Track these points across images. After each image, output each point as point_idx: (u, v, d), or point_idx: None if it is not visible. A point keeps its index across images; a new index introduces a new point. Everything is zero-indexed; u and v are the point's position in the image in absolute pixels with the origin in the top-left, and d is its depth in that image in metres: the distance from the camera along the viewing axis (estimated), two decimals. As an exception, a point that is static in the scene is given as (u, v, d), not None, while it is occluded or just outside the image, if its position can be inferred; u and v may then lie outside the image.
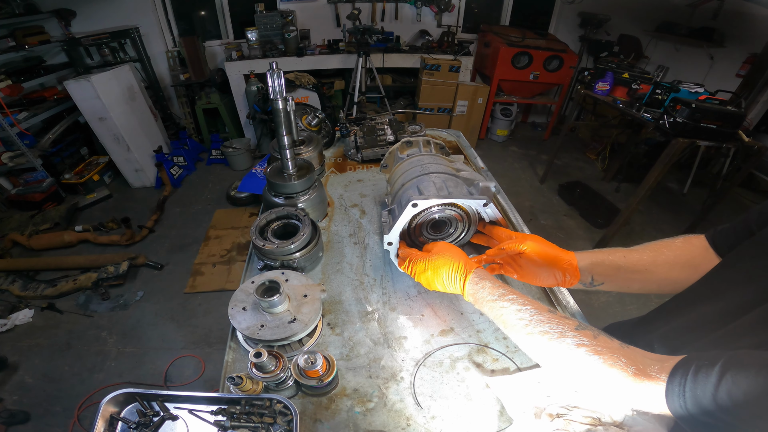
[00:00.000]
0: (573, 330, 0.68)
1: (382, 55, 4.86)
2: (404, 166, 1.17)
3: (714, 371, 0.51)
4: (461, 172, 1.10)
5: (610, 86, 4.14)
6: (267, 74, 1.03)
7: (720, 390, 0.50)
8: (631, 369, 0.60)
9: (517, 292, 0.79)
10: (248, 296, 0.94)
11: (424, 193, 0.97)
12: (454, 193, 0.96)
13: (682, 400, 0.54)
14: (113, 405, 0.77)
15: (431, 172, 1.05)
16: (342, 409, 0.85)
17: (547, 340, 0.69)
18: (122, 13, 4.65)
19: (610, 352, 0.63)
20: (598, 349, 0.64)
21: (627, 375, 0.60)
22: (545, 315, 0.72)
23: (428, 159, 1.14)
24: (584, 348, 0.65)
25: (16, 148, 3.74)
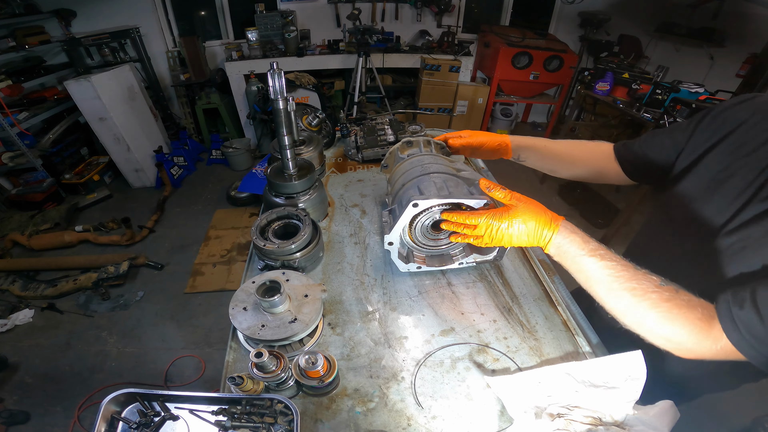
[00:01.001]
0: (656, 286, 0.71)
1: (382, 55, 4.86)
2: (405, 166, 1.16)
3: (747, 308, 0.63)
4: (462, 172, 1.09)
5: (610, 86, 4.14)
6: (267, 74, 1.03)
7: (765, 319, 0.61)
8: (703, 320, 0.68)
9: (604, 248, 0.79)
10: (249, 296, 0.94)
11: (424, 193, 0.96)
12: (454, 193, 0.96)
13: (742, 335, 0.64)
14: (114, 405, 0.77)
15: (432, 172, 1.05)
16: (343, 409, 0.85)
17: (632, 296, 0.72)
18: (122, 13, 4.65)
19: (688, 307, 0.69)
20: (680, 303, 0.69)
21: (698, 331, 0.68)
22: (631, 272, 0.74)
23: (429, 159, 1.13)
24: (667, 304, 0.70)
25: (16, 148, 3.74)
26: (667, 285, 0.72)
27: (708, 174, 0.87)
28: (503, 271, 1.21)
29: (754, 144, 0.80)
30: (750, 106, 0.85)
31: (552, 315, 1.06)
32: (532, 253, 1.26)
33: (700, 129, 0.92)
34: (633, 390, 0.82)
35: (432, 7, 5.08)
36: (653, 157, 1.03)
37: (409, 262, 1.13)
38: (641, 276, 0.74)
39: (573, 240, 0.81)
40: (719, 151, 0.86)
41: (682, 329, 0.69)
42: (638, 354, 0.84)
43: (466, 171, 1.10)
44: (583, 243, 0.80)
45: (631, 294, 0.72)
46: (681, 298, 0.71)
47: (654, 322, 0.71)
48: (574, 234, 0.82)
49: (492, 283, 1.16)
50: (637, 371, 0.83)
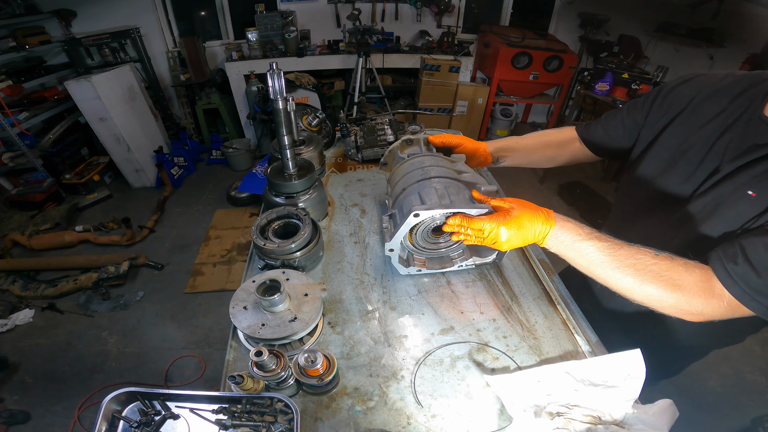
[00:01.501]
0: (653, 257, 0.77)
1: (382, 56, 4.86)
2: (405, 167, 1.15)
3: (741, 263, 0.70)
4: (463, 175, 1.09)
5: (610, 86, 4.15)
6: (267, 74, 1.03)
7: (760, 271, 0.68)
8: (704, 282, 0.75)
9: (596, 231, 0.84)
10: (249, 295, 0.95)
11: (426, 202, 0.96)
12: (456, 201, 0.96)
13: (740, 287, 0.70)
14: (115, 404, 0.77)
15: (432, 176, 1.04)
16: (343, 408, 0.85)
17: (634, 271, 0.77)
18: (122, 13, 4.65)
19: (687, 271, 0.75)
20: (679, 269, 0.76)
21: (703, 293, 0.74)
22: (627, 249, 0.79)
23: (429, 161, 1.11)
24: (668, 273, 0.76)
25: (16, 148, 3.75)
26: (661, 254, 0.78)
27: (668, 149, 0.95)
28: (503, 270, 1.21)
29: (705, 118, 0.89)
30: (695, 84, 0.95)
31: (551, 314, 1.06)
32: (532, 253, 1.26)
33: (654, 107, 1.01)
34: (632, 388, 0.82)
35: (432, 8, 5.08)
36: (615, 136, 1.13)
37: (409, 266, 1.13)
38: (637, 251, 0.79)
39: (569, 229, 0.84)
40: (675, 126, 0.95)
41: (688, 294, 0.75)
42: (637, 353, 0.84)
43: (467, 173, 1.10)
44: (578, 229, 0.84)
45: (633, 270, 0.77)
46: (678, 264, 0.76)
47: (661, 292, 0.76)
48: (568, 223, 0.86)
49: (491, 282, 1.16)
50: (636, 370, 0.83)
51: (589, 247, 0.81)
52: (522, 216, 0.86)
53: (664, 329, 1.08)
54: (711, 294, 0.74)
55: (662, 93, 1.01)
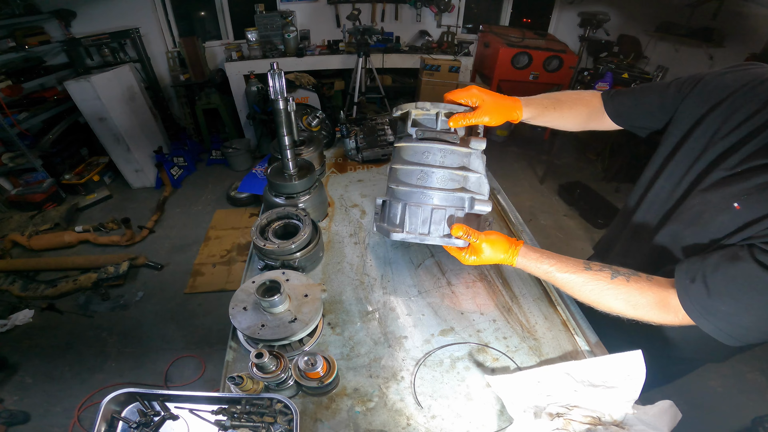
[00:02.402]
0: (609, 282, 0.83)
1: (382, 56, 4.86)
2: (409, 152, 1.04)
3: (698, 282, 0.74)
4: (469, 176, 1.02)
5: (610, 86, 4.14)
6: (268, 75, 1.03)
7: (711, 293, 0.73)
8: (659, 300, 0.80)
9: (557, 258, 0.90)
10: (249, 296, 0.94)
11: (405, 227, 1.02)
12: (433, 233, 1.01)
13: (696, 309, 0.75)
14: (114, 404, 0.77)
15: (429, 187, 0.99)
16: (342, 409, 0.85)
17: (590, 294, 0.85)
18: (122, 13, 4.64)
19: (640, 292, 0.81)
20: (633, 290, 0.81)
21: (659, 308, 0.80)
22: (585, 275, 0.86)
23: (439, 153, 1.01)
24: (624, 294, 0.82)
25: (16, 148, 3.74)
26: (617, 277, 0.83)
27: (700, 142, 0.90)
28: (503, 271, 1.21)
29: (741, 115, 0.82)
30: (741, 76, 0.87)
31: (551, 315, 1.06)
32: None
33: (693, 94, 0.95)
34: (632, 389, 0.82)
35: (432, 8, 5.08)
36: (649, 108, 1.06)
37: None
38: (593, 276, 0.85)
39: (530, 258, 0.92)
40: (711, 119, 0.89)
41: (642, 311, 0.81)
42: (638, 354, 0.84)
43: (475, 174, 1.03)
44: (538, 263, 0.91)
45: (590, 293, 0.85)
46: (633, 288, 0.81)
47: (620, 309, 0.83)
48: (532, 253, 0.93)
49: (491, 282, 1.16)
50: (636, 371, 0.83)
51: (548, 273, 0.90)
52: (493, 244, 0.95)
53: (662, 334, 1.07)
54: (666, 308, 0.79)
55: (705, 80, 0.93)
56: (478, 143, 1.04)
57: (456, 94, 1.03)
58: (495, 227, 1.41)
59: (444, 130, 1.03)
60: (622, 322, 1.13)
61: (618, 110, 1.11)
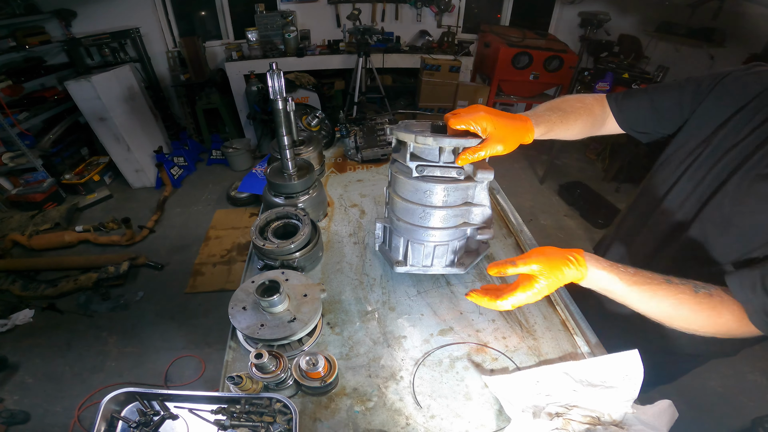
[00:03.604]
0: (694, 296, 0.75)
1: (382, 56, 4.86)
2: (408, 189, 0.97)
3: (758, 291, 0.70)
4: (475, 209, 0.99)
5: (610, 86, 4.15)
6: (267, 74, 1.03)
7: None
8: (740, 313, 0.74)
9: (630, 273, 0.77)
10: (248, 296, 0.95)
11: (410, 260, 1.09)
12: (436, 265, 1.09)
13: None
14: (114, 404, 0.77)
15: (433, 227, 0.98)
16: (341, 408, 0.85)
17: (677, 312, 0.76)
18: (123, 13, 4.65)
19: (723, 305, 0.74)
20: (716, 304, 0.75)
21: (740, 321, 0.74)
22: (665, 290, 0.75)
23: (442, 193, 0.94)
24: (708, 312, 0.75)
25: (16, 148, 3.74)
26: (700, 291, 0.75)
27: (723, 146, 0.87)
28: (502, 270, 1.21)
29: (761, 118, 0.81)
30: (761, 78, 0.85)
31: (551, 315, 1.06)
32: (531, 253, 1.26)
33: (711, 96, 0.90)
34: (630, 389, 0.82)
35: (432, 8, 5.08)
36: (664, 112, 1.00)
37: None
38: (676, 290, 0.75)
39: (602, 266, 0.77)
40: (736, 122, 0.85)
41: (725, 328, 0.76)
42: (635, 353, 0.84)
43: (479, 207, 1.00)
44: (611, 277, 0.76)
45: (672, 309, 0.75)
46: (716, 300, 0.75)
47: (702, 326, 0.77)
48: (601, 261, 0.77)
49: (491, 283, 1.16)
50: (634, 370, 0.83)
51: (626, 293, 0.77)
52: (549, 285, 0.76)
53: (662, 333, 1.08)
54: (747, 322, 0.74)
55: (725, 81, 0.89)
56: (486, 174, 0.94)
57: (461, 118, 0.85)
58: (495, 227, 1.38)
59: (448, 163, 0.94)
60: (622, 321, 1.14)
61: (626, 114, 1.05)
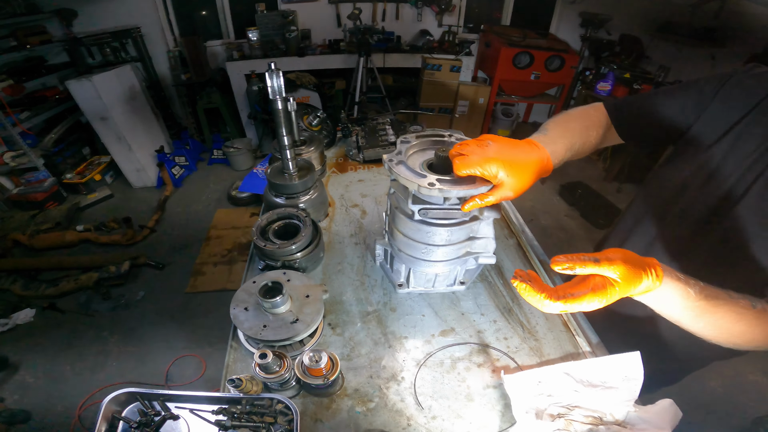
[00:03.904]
0: (752, 312, 0.68)
1: (383, 55, 4.85)
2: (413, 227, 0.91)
3: None
4: (478, 241, 0.98)
5: (612, 86, 4.14)
6: (266, 74, 1.03)
7: None
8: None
9: (700, 287, 0.66)
10: (250, 296, 0.94)
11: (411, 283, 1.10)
12: (438, 286, 1.11)
13: None
14: (115, 404, 0.77)
15: (435, 260, 0.96)
16: (343, 409, 0.85)
17: (737, 332, 0.69)
18: (123, 13, 4.65)
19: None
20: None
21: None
22: (727, 307, 0.67)
23: (446, 233, 0.89)
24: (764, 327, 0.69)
25: (18, 147, 3.75)
26: (758, 305, 0.68)
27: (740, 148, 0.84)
28: (503, 271, 1.21)
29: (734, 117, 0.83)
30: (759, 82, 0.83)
31: (552, 316, 1.06)
32: (533, 253, 1.26)
33: (716, 101, 0.88)
34: (631, 390, 0.82)
35: (433, 7, 5.08)
36: (659, 120, 0.96)
37: None
38: (736, 305, 0.68)
39: (675, 278, 0.65)
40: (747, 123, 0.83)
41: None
42: (636, 355, 0.84)
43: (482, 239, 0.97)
44: (685, 290, 0.65)
45: (736, 332, 0.69)
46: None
47: (755, 340, 0.70)
48: (676, 282, 0.65)
49: (492, 283, 1.16)
50: (635, 372, 0.83)
51: (694, 308, 0.66)
52: (621, 293, 0.64)
53: (663, 336, 1.07)
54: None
55: (726, 86, 0.87)
56: (492, 213, 0.90)
57: (468, 162, 0.74)
58: (497, 228, 1.39)
59: (453, 206, 0.87)
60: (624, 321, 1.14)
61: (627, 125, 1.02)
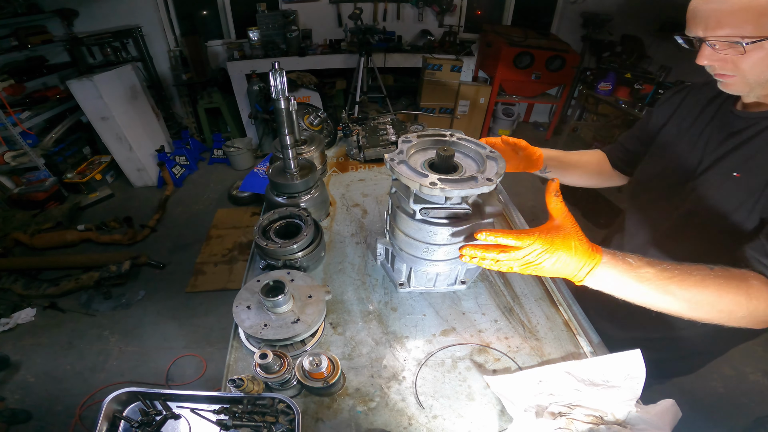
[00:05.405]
0: (711, 271, 0.73)
1: (383, 55, 4.85)
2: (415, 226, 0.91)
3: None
4: None
5: (613, 86, 4.14)
6: (269, 74, 1.03)
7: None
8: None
9: (645, 263, 0.72)
10: (253, 295, 0.95)
11: (413, 282, 1.10)
12: (438, 285, 1.11)
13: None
14: (116, 404, 0.77)
15: (437, 260, 0.95)
16: (344, 409, 0.85)
17: (698, 289, 0.71)
18: (124, 12, 4.65)
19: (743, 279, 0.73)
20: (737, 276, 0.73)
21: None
22: (681, 268, 0.72)
23: (447, 232, 0.88)
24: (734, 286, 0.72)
25: (18, 147, 3.75)
26: (715, 267, 0.73)
27: (663, 147, 1.08)
28: (505, 271, 1.20)
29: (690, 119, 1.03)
30: (682, 92, 1.09)
31: (553, 315, 1.06)
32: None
33: (654, 116, 1.15)
34: (633, 389, 0.82)
35: (434, 7, 5.07)
36: (632, 149, 1.24)
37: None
38: (692, 267, 0.73)
39: (607, 278, 0.73)
40: (668, 127, 1.09)
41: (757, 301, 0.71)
42: (637, 353, 0.84)
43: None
44: (626, 269, 0.72)
45: (697, 288, 0.71)
46: (735, 274, 0.73)
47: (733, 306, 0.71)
48: (612, 270, 0.72)
49: (493, 283, 1.16)
50: (636, 370, 0.83)
51: (643, 273, 0.71)
52: (567, 240, 0.73)
53: (669, 332, 1.08)
54: None
55: (658, 103, 1.16)
56: (493, 209, 0.88)
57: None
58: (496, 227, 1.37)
59: (454, 205, 0.86)
60: (625, 321, 1.14)
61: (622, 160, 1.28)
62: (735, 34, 0.71)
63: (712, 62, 0.80)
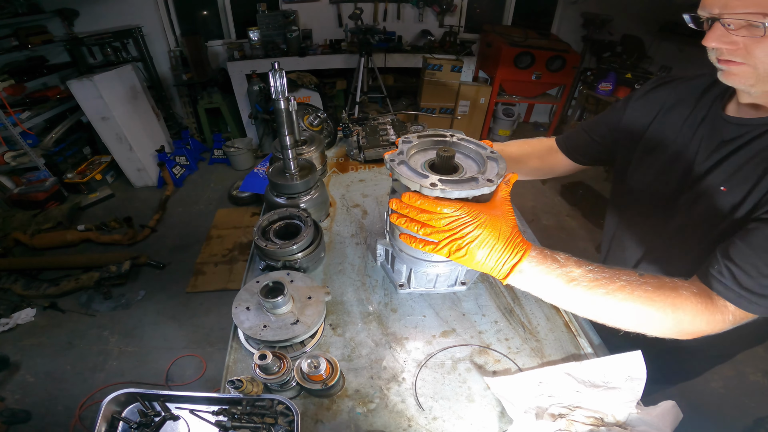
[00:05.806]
0: (639, 278, 0.71)
1: (384, 55, 4.85)
2: None
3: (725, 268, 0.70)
4: None
5: (613, 86, 4.14)
6: (269, 74, 1.03)
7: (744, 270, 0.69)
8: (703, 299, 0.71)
9: (574, 261, 0.71)
10: (252, 296, 0.94)
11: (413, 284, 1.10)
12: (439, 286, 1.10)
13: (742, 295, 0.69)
14: (115, 405, 0.77)
15: (437, 260, 0.96)
16: (343, 410, 0.85)
17: (624, 294, 0.69)
18: (125, 12, 4.66)
19: (674, 289, 0.71)
20: (668, 286, 0.71)
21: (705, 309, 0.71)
22: (609, 272, 0.70)
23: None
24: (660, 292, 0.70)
25: (19, 147, 3.75)
26: (645, 274, 0.72)
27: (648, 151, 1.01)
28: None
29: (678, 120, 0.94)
30: (669, 87, 1.00)
31: (554, 316, 1.05)
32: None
33: (629, 110, 1.05)
34: (634, 390, 0.82)
35: (434, 7, 5.07)
36: (598, 140, 1.15)
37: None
38: (621, 272, 0.71)
39: (535, 275, 0.71)
40: (653, 129, 1.00)
41: (689, 313, 0.70)
42: (638, 354, 0.84)
43: None
44: (553, 256, 0.71)
45: (622, 293, 0.69)
46: (667, 283, 0.71)
47: (660, 315, 0.69)
48: (540, 266, 0.71)
49: (493, 283, 1.16)
50: (637, 371, 0.83)
51: (570, 272, 0.70)
52: (496, 225, 0.70)
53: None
54: (713, 309, 0.70)
55: (635, 96, 1.05)
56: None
57: None
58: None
59: None
60: None
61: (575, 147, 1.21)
62: (759, 12, 0.61)
63: (721, 45, 0.70)
